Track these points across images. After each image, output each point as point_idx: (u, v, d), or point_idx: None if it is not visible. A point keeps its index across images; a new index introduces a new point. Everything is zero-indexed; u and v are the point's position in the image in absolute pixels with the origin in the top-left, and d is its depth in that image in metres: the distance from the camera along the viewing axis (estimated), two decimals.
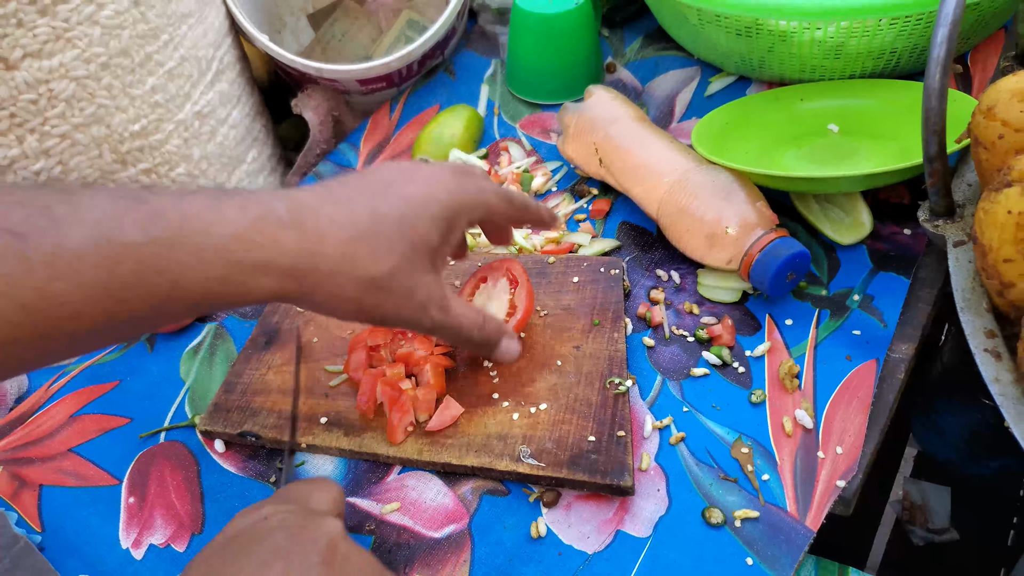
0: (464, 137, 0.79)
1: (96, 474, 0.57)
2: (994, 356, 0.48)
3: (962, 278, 0.52)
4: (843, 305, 0.59)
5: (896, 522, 1.17)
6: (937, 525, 1.12)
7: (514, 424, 0.53)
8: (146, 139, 0.65)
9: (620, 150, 0.66)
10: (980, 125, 0.51)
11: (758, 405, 0.54)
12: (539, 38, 0.79)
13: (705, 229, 0.59)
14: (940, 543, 1.11)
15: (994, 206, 0.47)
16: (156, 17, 0.64)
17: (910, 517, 1.16)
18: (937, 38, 0.50)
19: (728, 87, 0.79)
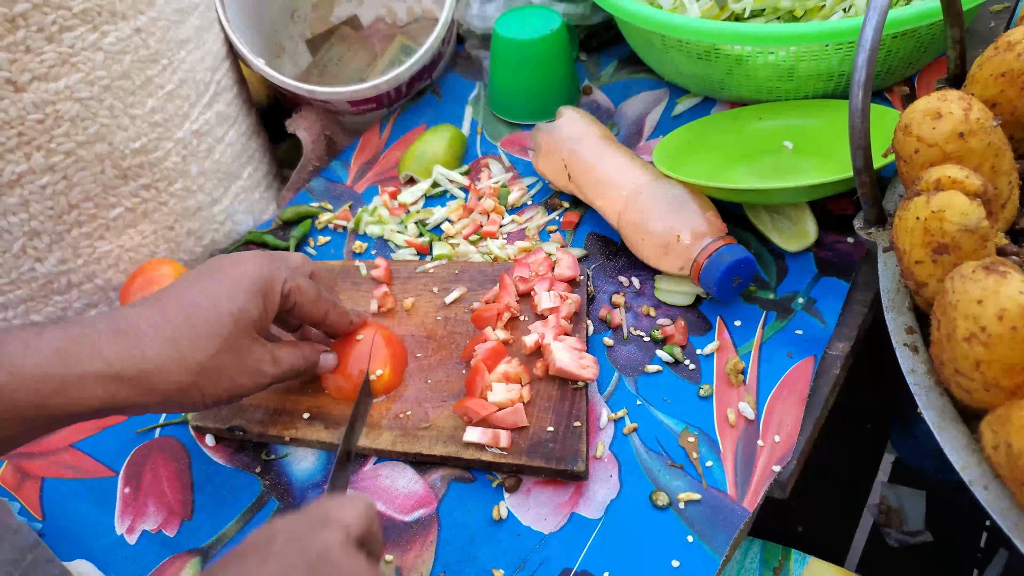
0: (447, 154, 0.84)
1: (94, 467, 0.61)
2: (912, 350, 0.52)
3: (888, 280, 0.56)
4: (788, 308, 0.63)
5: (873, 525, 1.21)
6: (912, 528, 1.16)
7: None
8: (146, 156, 0.70)
9: (585, 165, 0.71)
10: (900, 141, 0.56)
11: (706, 399, 0.58)
12: (517, 63, 0.85)
13: (659, 238, 0.64)
14: (915, 545, 1.14)
15: (906, 213, 0.51)
16: (156, 43, 0.69)
17: (886, 520, 1.20)
18: (858, 62, 0.55)
19: (694, 107, 0.84)
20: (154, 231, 0.73)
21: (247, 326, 0.51)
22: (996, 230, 0.56)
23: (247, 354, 0.51)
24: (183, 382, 0.48)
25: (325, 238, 0.79)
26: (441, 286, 0.69)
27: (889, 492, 1.24)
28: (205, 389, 0.49)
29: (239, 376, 0.50)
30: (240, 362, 0.50)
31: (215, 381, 0.49)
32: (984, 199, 0.51)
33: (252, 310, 0.51)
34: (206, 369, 0.48)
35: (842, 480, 1.11)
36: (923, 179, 0.52)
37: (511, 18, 0.86)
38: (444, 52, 0.94)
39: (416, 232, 0.77)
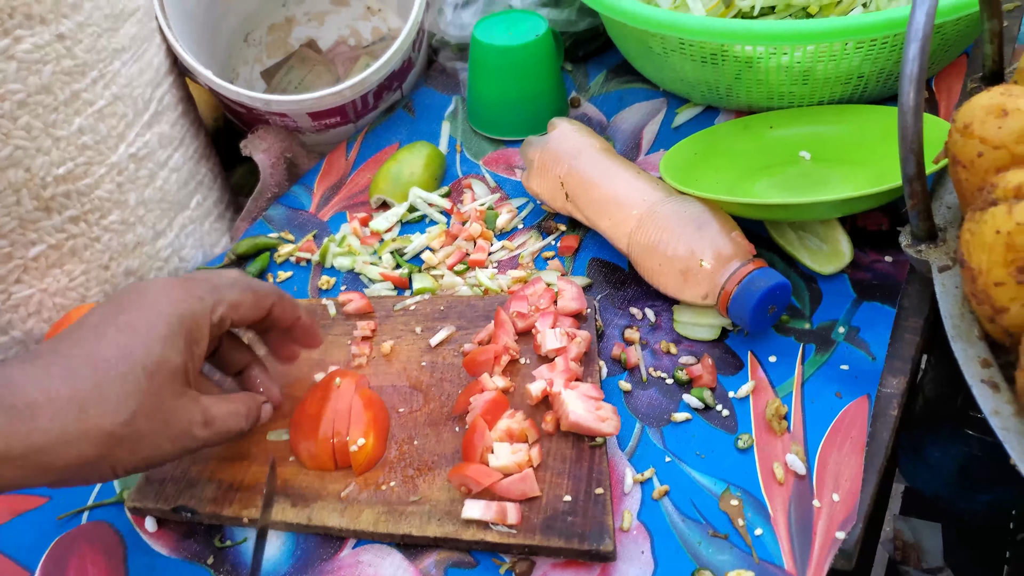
0: (424, 175, 0.75)
1: (5, 565, 0.50)
2: (991, 387, 0.44)
3: (950, 305, 0.48)
4: (828, 338, 0.55)
5: (889, 562, 1.13)
6: (932, 564, 1.09)
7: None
8: (73, 184, 0.60)
9: (586, 183, 0.63)
10: (957, 143, 0.48)
11: (746, 451, 0.49)
12: (499, 72, 0.76)
13: (678, 263, 0.55)
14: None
15: (981, 226, 0.44)
16: (84, 52, 0.60)
17: (903, 557, 1.12)
18: (909, 54, 0.47)
19: (695, 118, 0.76)
20: (84, 271, 0.62)
21: (168, 379, 0.41)
22: None
23: (171, 414, 0.42)
24: (87, 456, 0.39)
25: (286, 273, 0.69)
26: (425, 325, 0.60)
27: (903, 526, 1.16)
28: (117, 461, 0.40)
29: (161, 441, 0.41)
30: (162, 424, 0.41)
31: (130, 450, 0.40)
32: None
33: (173, 358, 0.42)
34: (117, 438, 0.39)
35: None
36: (999, 186, 0.44)
37: (492, 23, 0.77)
38: (415, 60, 0.86)
39: (392, 263, 0.68)
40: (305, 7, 1.02)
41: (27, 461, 0.37)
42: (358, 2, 1.02)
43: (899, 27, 0.62)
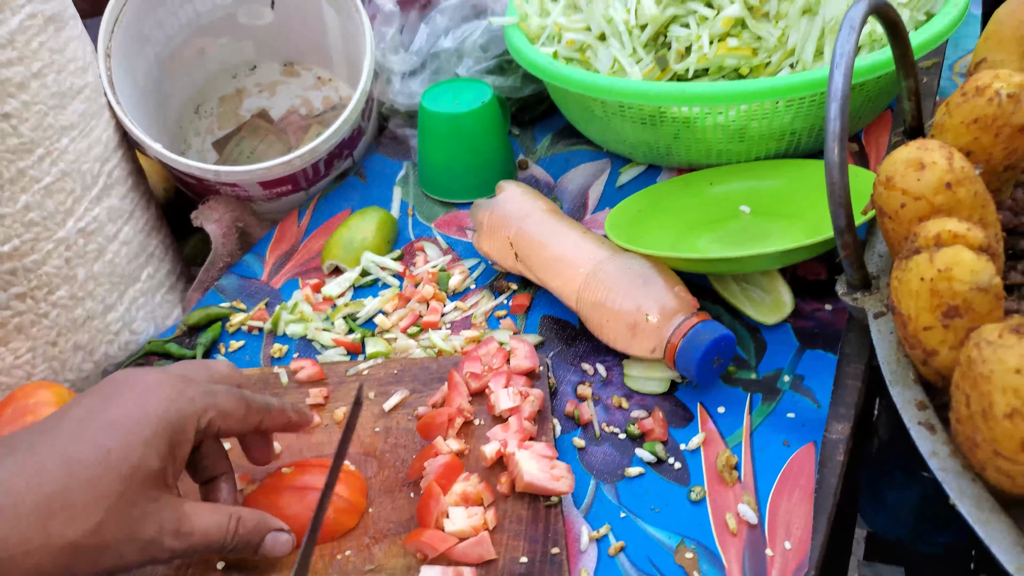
0: (377, 239, 0.76)
1: None
2: (928, 429, 0.46)
3: (886, 350, 0.50)
4: (774, 387, 0.56)
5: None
6: None
7: None
8: (20, 261, 0.59)
9: (535, 243, 0.64)
10: (882, 196, 0.50)
11: (698, 503, 0.50)
12: (448, 138, 0.78)
13: (626, 318, 0.57)
14: None
15: (907, 274, 0.46)
16: (30, 131, 0.60)
17: None
18: (831, 113, 0.50)
19: (638, 176, 0.79)
20: (31, 348, 0.61)
21: (143, 484, 0.39)
22: None
23: (140, 522, 0.39)
24: (45, 568, 0.36)
25: (238, 343, 0.69)
26: (378, 390, 0.60)
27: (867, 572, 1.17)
28: (76, 572, 0.37)
29: (127, 553, 0.39)
30: (130, 532, 0.39)
31: (92, 561, 0.38)
32: (990, 254, 0.46)
33: (152, 462, 0.40)
34: (80, 548, 0.37)
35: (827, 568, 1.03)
36: (920, 235, 0.47)
37: (439, 91, 0.80)
38: (365, 128, 0.87)
39: (345, 328, 0.68)
40: (256, 78, 1.03)
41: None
42: (308, 72, 1.04)
43: (824, 86, 0.66)
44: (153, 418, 0.40)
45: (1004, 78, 0.53)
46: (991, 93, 0.53)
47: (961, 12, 0.71)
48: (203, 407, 0.43)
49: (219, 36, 0.96)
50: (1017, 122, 0.53)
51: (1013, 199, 0.59)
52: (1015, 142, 0.53)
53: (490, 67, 0.86)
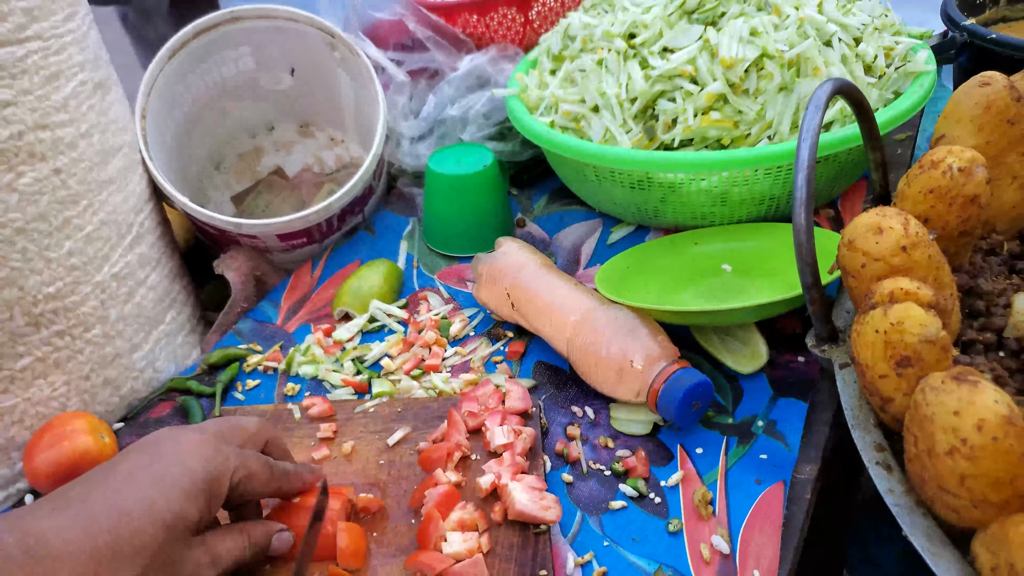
0: (383, 288, 0.82)
1: None
2: (885, 468, 0.50)
3: (850, 397, 0.55)
4: (749, 431, 0.61)
5: None
6: None
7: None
8: (61, 301, 0.65)
9: (529, 294, 0.70)
10: (845, 256, 0.56)
11: (676, 534, 0.54)
12: (451, 197, 0.84)
13: (612, 364, 0.62)
14: None
15: (864, 327, 0.51)
16: (77, 184, 0.66)
17: None
18: (798, 181, 0.56)
19: (628, 235, 0.85)
20: (66, 382, 0.67)
21: (183, 533, 0.44)
22: None
23: (179, 565, 0.44)
24: None
25: (254, 381, 0.74)
26: (383, 426, 0.65)
27: None
28: None
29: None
30: (171, 574, 0.43)
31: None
32: (938, 309, 0.51)
33: (192, 514, 0.44)
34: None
35: None
36: (877, 292, 0.52)
37: (444, 155, 0.86)
38: (376, 187, 0.94)
39: (353, 370, 0.73)
40: (273, 137, 1.11)
41: None
42: (322, 133, 1.11)
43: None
44: (192, 474, 0.45)
45: (956, 153, 0.59)
46: (944, 167, 0.59)
47: (926, 92, 0.78)
48: (236, 466, 0.48)
49: (241, 99, 1.03)
50: (968, 192, 0.58)
51: (971, 263, 0.64)
52: (967, 210, 0.59)
53: (492, 133, 0.93)
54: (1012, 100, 0.64)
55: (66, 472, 0.60)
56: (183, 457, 0.46)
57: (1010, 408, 0.42)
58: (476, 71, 0.97)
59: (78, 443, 0.61)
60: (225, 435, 0.49)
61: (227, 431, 0.50)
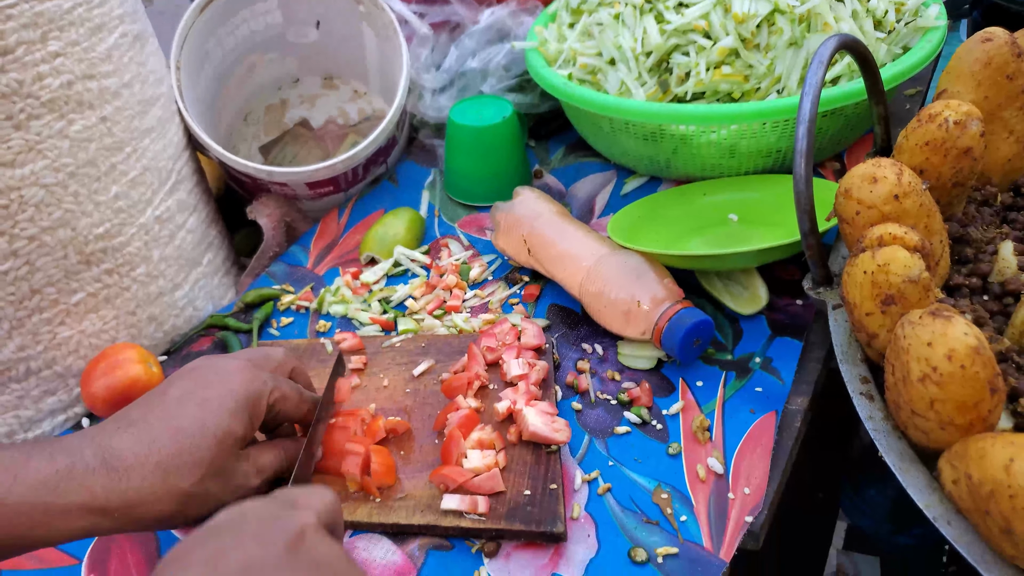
0: (407, 236, 0.86)
1: (56, 556, 0.59)
2: (867, 398, 0.55)
3: (840, 335, 0.60)
4: (746, 367, 0.66)
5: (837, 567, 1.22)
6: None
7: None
8: (109, 241, 0.70)
9: (545, 241, 0.74)
10: (841, 204, 0.60)
11: (675, 456, 0.59)
12: (472, 148, 0.88)
13: (621, 306, 0.66)
14: None
15: (854, 269, 0.55)
16: (121, 132, 0.71)
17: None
18: (799, 133, 0.59)
19: (641, 187, 0.88)
20: (115, 316, 0.72)
21: (231, 446, 0.50)
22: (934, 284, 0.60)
23: (231, 473, 0.50)
24: (167, 511, 0.47)
25: (288, 319, 0.80)
26: (408, 359, 0.70)
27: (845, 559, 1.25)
28: (187, 515, 0.48)
29: (222, 495, 0.50)
30: (224, 482, 0.50)
31: (197, 506, 0.49)
32: (923, 253, 0.55)
33: (237, 429, 0.50)
34: (190, 496, 0.48)
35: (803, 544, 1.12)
36: (867, 237, 0.56)
37: (465, 107, 0.90)
38: (399, 137, 0.98)
39: (380, 310, 0.78)
40: (299, 90, 1.14)
41: (122, 514, 0.45)
42: (346, 86, 1.15)
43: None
44: (236, 395, 0.51)
45: (953, 107, 0.62)
46: (940, 120, 0.62)
47: (934, 47, 0.80)
48: (272, 387, 0.54)
49: (268, 52, 1.07)
50: (962, 145, 0.62)
51: (965, 213, 0.68)
52: (961, 162, 0.62)
53: (511, 85, 0.97)
54: (1012, 56, 0.67)
55: (119, 397, 0.66)
56: (225, 381, 0.52)
57: (978, 339, 0.46)
58: (497, 24, 0.99)
59: (130, 371, 0.67)
60: (257, 362, 0.55)
61: (258, 359, 0.56)
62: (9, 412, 0.68)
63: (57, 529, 0.44)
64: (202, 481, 0.48)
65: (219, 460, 0.49)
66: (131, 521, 0.46)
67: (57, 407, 0.71)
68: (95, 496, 0.44)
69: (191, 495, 0.48)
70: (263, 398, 0.53)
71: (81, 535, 0.45)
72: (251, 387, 0.52)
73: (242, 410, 0.51)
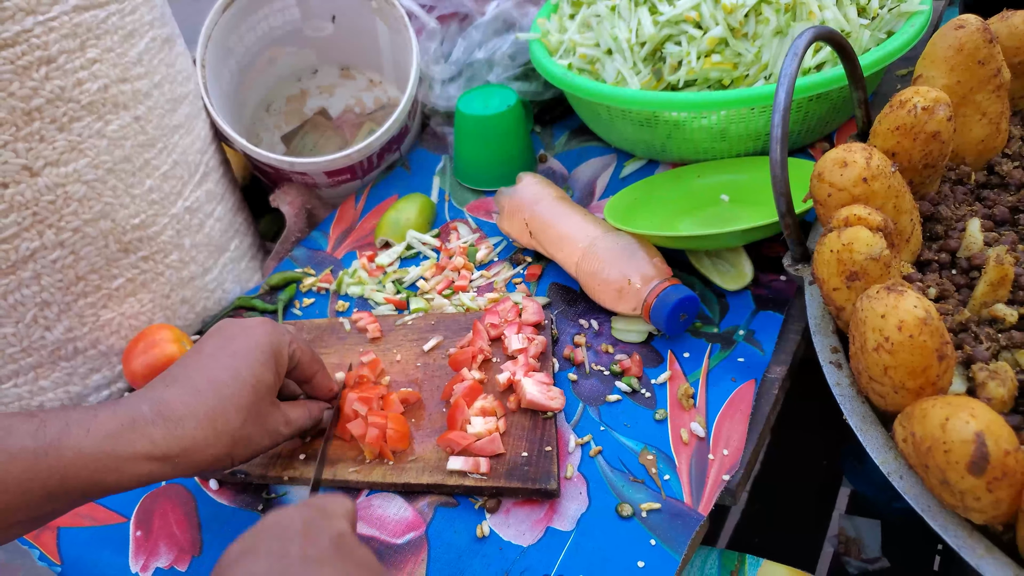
0: (418, 220, 0.92)
1: (106, 515, 0.66)
2: (836, 367, 0.60)
3: (814, 308, 0.64)
4: (731, 339, 0.71)
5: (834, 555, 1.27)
6: (869, 555, 1.23)
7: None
8: (145, 231, 0.77)
9: (545, 224, 0.79)
10: (815, 187, 0.64)
11: (661, 422, 0.65)
12: (478, 136, 0.93)
13: (614, 284, 0.71)
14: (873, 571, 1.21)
15: (822, 247, 0.60)
16: (153, 129, 0.77)
17: (845, 550, 1.26)
18: (774, 120, 0.64)
19: (639, 169, 0.93)
20: (152, 299, 0.79)
21: (265, 392, 0.57)
22: (901, 260, 0.64)
23: (267, 418, 0.57)
24: (218, 454, 0.53)
25: (310, 300, 0.86)
26: (419, 336, 0.76)
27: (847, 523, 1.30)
28: (235, 456, 0.55)
29: (261, 439, 0.57)
30: (262, 427, 0.56)
31: (243, 447, 0.55)
32: (885, 232, 0.60)
33: (268, 377, 0.57)
34: (236, 439, 0.54)
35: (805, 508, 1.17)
36: (835, 218, 0.61)
37: (472, 96, 0.95)
38: (411, 126, 1.03)
39: (394, 290, 0.84)
40: (317, 81, 1.20)
41: (180, 459, 0.52)
42: (362, 76, 1.20)
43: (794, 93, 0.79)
44: (261, 346, 0.58)
45: (922, 94, 0.66)
46: (910, 106, 0.66)
47: (916, 32, 0.84)
48: (291, 339, 0.61)
49: (287, 46, 1.12)
50: (930, 129, 0.66)
51: (938, 192, 0.72)
52: (929, 145, 0.67)
53: (517, 74, 1.01)
54: (984, 42, 0.70)
55: (157, 374, 0.73)
56: (250, 335, 0.58)
57: (927, 311, 0.51)
58: (503, 15, 1.04)
59: (167, 349, 0.73)
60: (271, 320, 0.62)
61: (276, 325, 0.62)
62: (60, 388, 0.76)
63: (126, 474, 0.50)
64: (244, 425, 0.55)
65: (256, 405, 0.56)
66: (189, 465, 0.52)
67: (102, 383, 0.78)
68: (156, 444, 0.50)
69: (237, 438, 0.54)
70: (284, 347, 0.59)
71: (147, 480, 0.51)
72: (273, 337, 0.59)
73: (269, 359, 0.57)
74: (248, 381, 0.55)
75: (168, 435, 0.51)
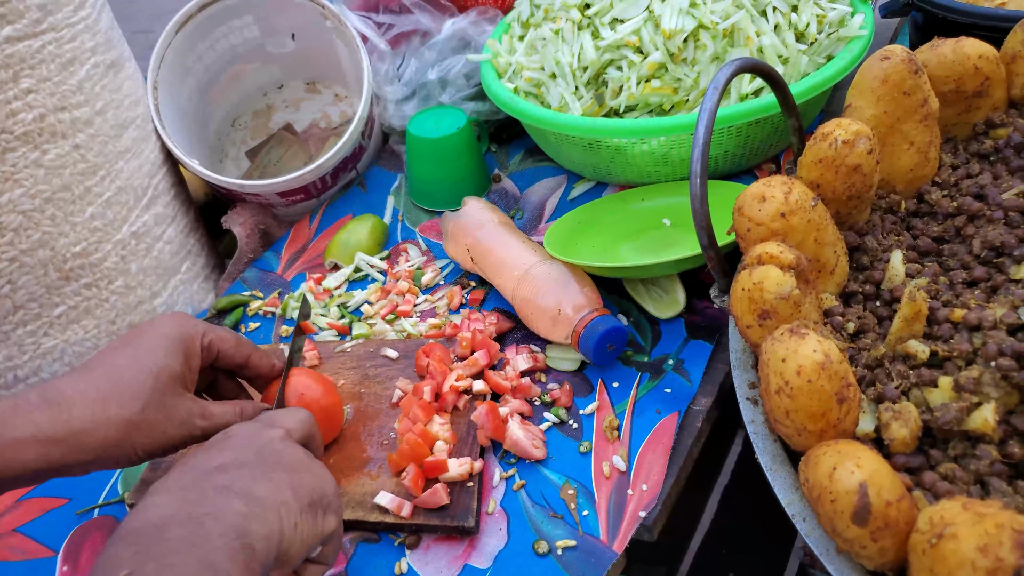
0: (368, 242, 0.93)
1: (35, 548, 0.67)
2: (752, 403, 0.60)
3: (736, 341, 0.65)
4: (660, 369, 0.71)
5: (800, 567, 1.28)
6: None
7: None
8: (87, 258, 0.77)
9: (485, 250, 0.80)
10: (736, 221, 0.65)
11: (585, 454, 0.66)
12: (429, 157, 0.94)
13: (547, 312, 0.72)
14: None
15: (736, 285, 0.60)
16: (95, 156, 0.78)
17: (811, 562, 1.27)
18: (694, 155, 0.64)
19: (588, 191, 0.94)
20: (97, 326, 0.80)
21: (169, 382, 0.56)
22: (823, 292, 0.65)
23: (174, 409, 0.56)
24: (112, 439, 0.52)
25: (255, 324, 0.87)
26: (357, 364, 0.77)
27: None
28: (136, 444, 0.54)
29: (169, 429, 0.55)
30: (168, 416, 0.55)
31: (145, 435, 0.54)
32: (798, 270, 0.60)
33: (174, 366, 0.56)
34: (134, 425, 0.53)
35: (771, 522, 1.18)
36: (749, 255, 0.61)
37: (423, 118, 0.95)
38: (366, 146, 1.04)
39: (338, 315, 0.85)
40: (283, 95, 1.21)
41: (69, 443, 0.51)
42: (328, 90, 1.21)
43: (728, 121, 0.80)
44: (167, 336, 0.57)
45: (844, 127, 0.66)
46: (831, 139, 0.66)
47: (855, 57, 0.84)
48: (203, 330, 0.60)
49: (251, 62, 1.13)
50: (851, 163, 0.66)
51: (868, 221, 0.72)
52: (851, 178, 0.67)
53: (471, 94, 1.02)
54: (909, 73, 0.70)
55: None
56: (157, 327, 0.58)
57: (826, 355, 0.52)
58: (458, 33, 1.04)
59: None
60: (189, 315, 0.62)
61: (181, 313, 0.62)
62: None
63: (11, 460, 0.49)
64: (143, 411, 0.54)
65: (158, 393, 0.55)
66: (79, 449, 0.51)
67: None
68: (40, 428, 0.50)
69: (134, 424, 0.53)
70: (196, 338, 0.59)
71: (35, 467, 0.50)
72: (183, 328, 0.59)
73: (176, 349, 0.57)
74: (149, 369, 0.55)
75: (54, 419, 0.51)
